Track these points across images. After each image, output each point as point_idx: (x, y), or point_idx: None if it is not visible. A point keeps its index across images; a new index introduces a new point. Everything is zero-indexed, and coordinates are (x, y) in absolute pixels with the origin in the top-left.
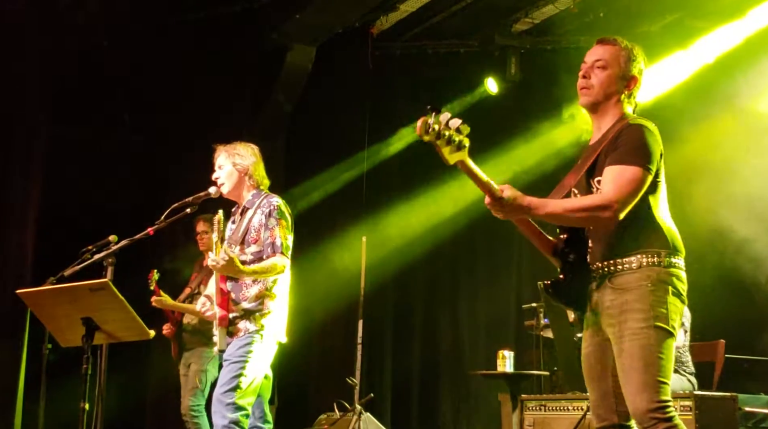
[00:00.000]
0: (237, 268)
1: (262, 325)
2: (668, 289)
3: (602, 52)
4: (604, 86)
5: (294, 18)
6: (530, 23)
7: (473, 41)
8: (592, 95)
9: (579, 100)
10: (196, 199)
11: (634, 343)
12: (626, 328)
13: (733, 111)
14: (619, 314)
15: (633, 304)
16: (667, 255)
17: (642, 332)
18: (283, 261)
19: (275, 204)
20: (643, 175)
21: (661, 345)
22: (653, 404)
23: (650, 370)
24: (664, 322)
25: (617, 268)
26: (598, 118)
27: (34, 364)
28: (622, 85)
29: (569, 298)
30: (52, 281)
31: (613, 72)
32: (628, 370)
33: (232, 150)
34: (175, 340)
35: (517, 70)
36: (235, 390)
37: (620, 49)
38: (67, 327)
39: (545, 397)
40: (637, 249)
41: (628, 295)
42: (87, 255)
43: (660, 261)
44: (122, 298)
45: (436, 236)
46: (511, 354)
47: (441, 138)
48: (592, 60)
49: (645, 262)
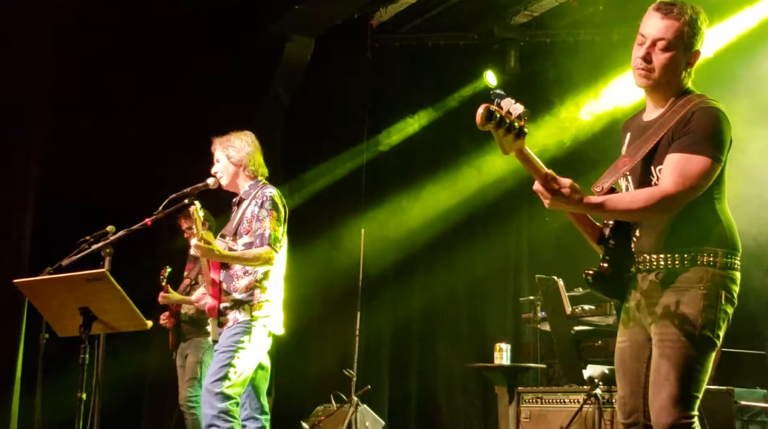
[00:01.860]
0: (216, 253)
1: (253, 316)
2: (721, 293)
3: (665, 29)
4: (666, 69)
5: (293, 9)
6: (530, 16)
7: (473, 34)
8: (653, 79)
9: (636, 81)
10: (194, 189)
11: (677, 352)
12: (670, 332)
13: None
14: (664, 315)
15: (682, 308)
16: (725, 254)
17: (685, 340)
18: (269, 252)
19: (268, 195)
20: (712, 167)
21: (703, 356)
22: (678, 420)
23: (684, 383)
24: (711, 330)
25: (667, 264)
26: (656, 97)
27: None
28: (685, 62)
29: (610, 289)
30: (49, 271)
31: (678, 53)
32: (663, 380)
33: (226, 142)
34: (173, 331)
35: (516, 62)
36: (223, 380)
37: (684, 23)
38: (65, 317)
39: (542, 390)
40: (692, 245)
41: (678, 296)
42: (85, 245)
43: (716, 261)
44: (120, 288)
45: (434, 228)
46: (508, 347)
47: (502, 126)
48: (653, 37)
49: (700, 261)
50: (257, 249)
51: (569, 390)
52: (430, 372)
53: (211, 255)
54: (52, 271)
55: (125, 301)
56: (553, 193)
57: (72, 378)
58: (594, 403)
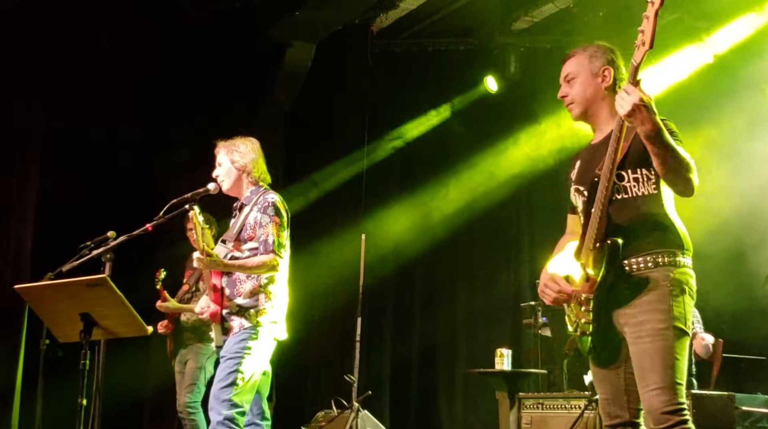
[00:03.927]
0: (220, 264)
1: (258, 322)
2: (684, 288)
3: (567, 67)
4: (580, 94)
5: (294, 15)
6: (530, 22)
7: (473, 39)
8: (576, 107)
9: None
10: (195, 195)
11: (655, 345)
12: (646, 328)
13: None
14: (638, 314)
15: (654, 305)
16: (682, 254)
17: (662, 333)
18: (274, 259)
19: (270, 201)
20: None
21: (680, 346)
22: (670, 406)
23: (668, 372)
24: (682, 322)
25: (636, 268)
26: (594, 121)
27: (32, 360)
28: (598, 81)
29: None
30: (50, 276)
31: (584, 77)
32: (647, 372)
33: (230, 146)
34: (171, 337)
35: (516, 68)
36: (231, 386)
37: (581, 55)
38: (65, 322)
39: (543, 396)
40: (654, 247)
41: (648, 295)
42: (85, 250)
43: (676, 260)
44: (120, 293)
45: (435, 234)
46: (509, 352)
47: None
48: (562, 78)
49: (662, 262)
50: (261, 256)
51: (570, 395)
52: (431, 377)
53: (214, 266)
54: (52, 276)
55: (126, 306)
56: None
57: (72, 384)
58: (595, 409)
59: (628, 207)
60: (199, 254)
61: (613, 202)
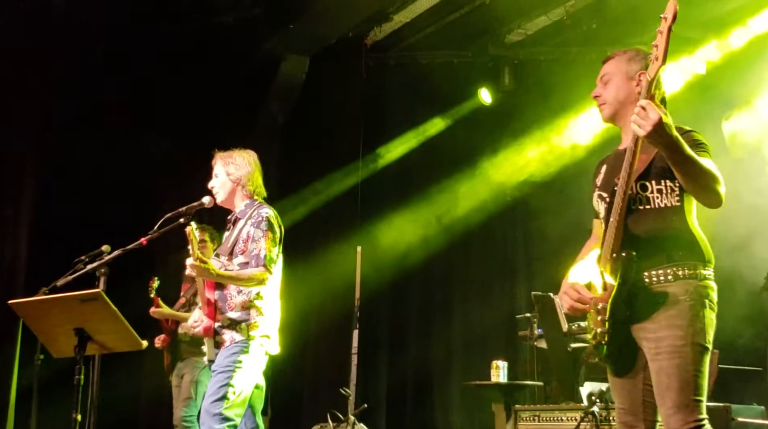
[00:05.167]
0: (211, 272)
1: (249, 336)
2: (705, 302)
3: (605, 68)
4: (613, 95)
5: (288, 28)
6: (523, 34)
7: (467, 52)
8: (607, 108)
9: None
10: (190, 209)
11: (672, 363)
12: (664, 345)
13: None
14: (657, 329)
15: (672, 320)
16: (702, 267)
17: (679, 351)
18: (264, 273)
19: (264, 215)
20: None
21: (698, 362)
22: (687, 425)
23: (686, 390)
24: (702, 338)
25: (655, 280)
26: (623, 124)
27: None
28: (632, 85)
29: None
30: (44, 291)
31: (619, 79)
32: (665, 390)
33: (227, 158)
34: (168, 351)
35: (510, 80)
36: (222, 400)
37: (620, 57)
38: (60, 337)
39: (539, 408)
40: (674, 260)
41: (667, 310)
42: (80, 265)
43: (697, 273)
44: (115, 308)
45: (430, 246)
46: (505, 364)
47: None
48: (599, 78)
49: (682, 274)
50: (252, 269)
51: (566, 408)
52: (427, 390)
53: (207, 274)
54: (47, 291)
55: (120, 321)
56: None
57: (67, 399)
58: (591, 421)
59: (650, 218)
60: (192, 261)
61: (634, 212)
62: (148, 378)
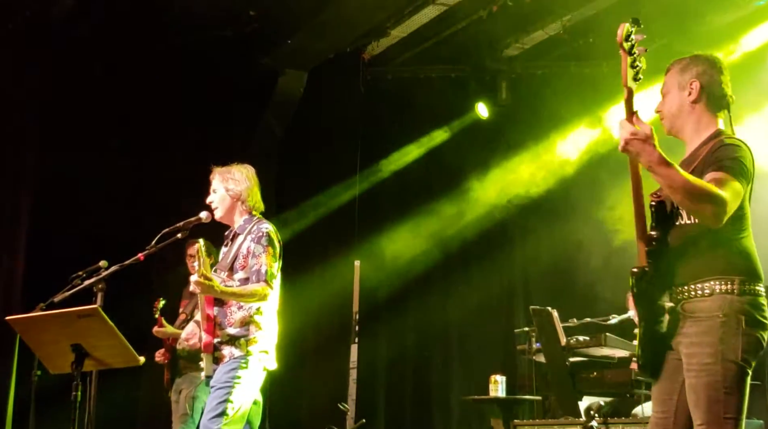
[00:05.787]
0: (216, 289)
1: (248, 351)
2: (741, 319)
3: (665, 80)
4: (668, 108)
5: (286, 43)
6: (520, 48)
7: (464, 66)
8: (666, 121)
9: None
10: (187, 223)
11: (700, 381)
12: (694, 362)
13: None
14: (689, 345)
15: (702, 337)
16: (741, 282)
17: (708, 368)
18: (265, 288)
19: (264, 231)
20: (741, 189)
21: (730, 380)
22: None
23: (713, 409)
24: (734, 355)
25: (689, 295)
26: (682, 136)
27: (24, 391)
28: (684, 95)
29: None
30: (41, 307)
31: (673, 91)
32: (694, 407)
33: (226, 174)
34: (168, 367)
35: (507, 94)
36: (221, 416)
37: (675, 67)
38: (57, 353)
39: (538, 422)
40: (710, 274)
41: (698, 326)
42: (77, 280)
43: (734, 288)
44: (112, 324)
45: (428, 260)
46: (504, 378)
47: (631, 55)
48: (661, 92)
49: (718, 289)
50: (253, 285)
51: (565, 422)
52: (425, 405)
53: (211, 291)
54: (44, 307)
55: (117, 337)
56: (633, 134)
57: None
58: None
59: (687, 232)
60: (197, 277)
61: (674, 227)
62: (146, 394)
